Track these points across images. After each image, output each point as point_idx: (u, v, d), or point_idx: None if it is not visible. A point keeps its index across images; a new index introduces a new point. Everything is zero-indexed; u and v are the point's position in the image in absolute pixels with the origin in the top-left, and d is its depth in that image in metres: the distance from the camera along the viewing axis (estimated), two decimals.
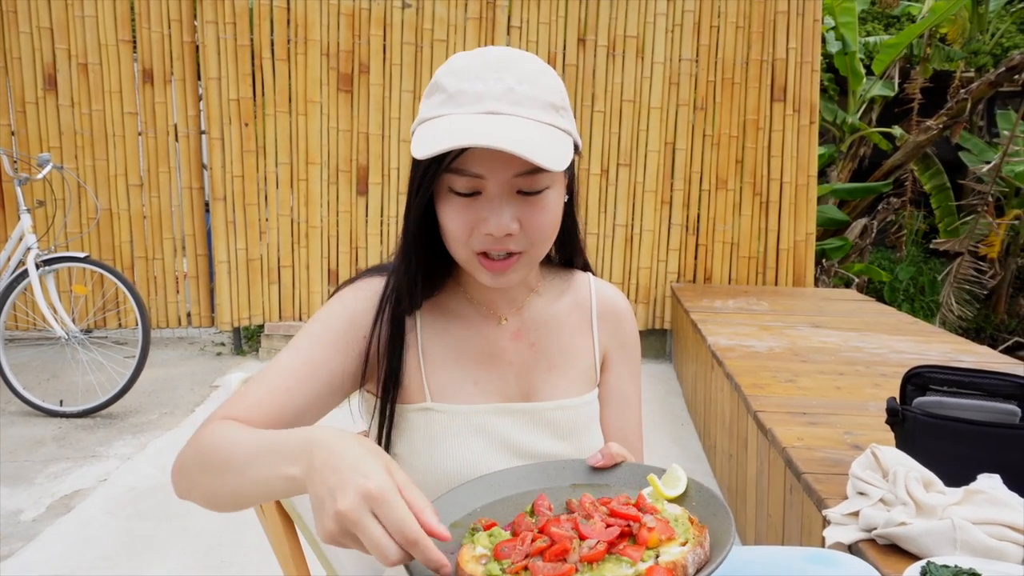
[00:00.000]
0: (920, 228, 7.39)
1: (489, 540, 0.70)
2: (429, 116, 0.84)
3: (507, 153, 0.78)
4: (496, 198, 0.83)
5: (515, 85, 0.82)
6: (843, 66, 6.09)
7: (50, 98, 4.34)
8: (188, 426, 3.34)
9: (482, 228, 0.84)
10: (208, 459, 0.77)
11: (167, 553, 2.26)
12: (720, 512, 0.72)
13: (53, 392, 3.60)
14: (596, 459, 0.84)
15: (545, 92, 0.84)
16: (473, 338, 0.97)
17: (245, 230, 4.47)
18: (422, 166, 0.84)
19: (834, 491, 1.44)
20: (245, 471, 0.73)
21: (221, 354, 4.61)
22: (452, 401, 0.93)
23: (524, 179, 0.83)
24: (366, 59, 4.40)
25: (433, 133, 0.80)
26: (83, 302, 4.35)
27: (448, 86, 0.83)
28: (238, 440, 0.76)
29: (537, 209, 0.85)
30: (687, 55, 4.46)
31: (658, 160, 4.52)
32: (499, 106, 0.80)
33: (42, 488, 2.71)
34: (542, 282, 1.03)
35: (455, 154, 0.80)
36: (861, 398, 2.19)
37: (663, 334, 4.69)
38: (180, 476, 0.82)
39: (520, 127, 0.79)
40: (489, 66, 0.83)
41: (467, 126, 0.79)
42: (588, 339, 1.02)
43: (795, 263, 4.62)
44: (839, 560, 0.89)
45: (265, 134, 4.45)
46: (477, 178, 0.82)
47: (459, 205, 0.84)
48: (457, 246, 0.87)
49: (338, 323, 0.91)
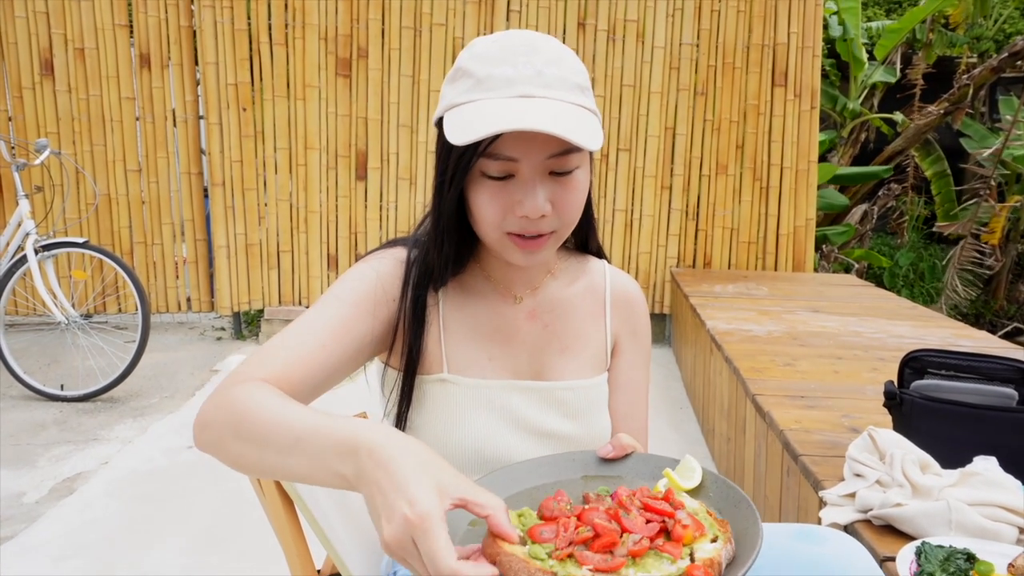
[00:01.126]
0: (921, 214, 7.38)
1: (519, 521, 0.69)
2: (458, 102, 0.84)
3: (541, 136, 0.79)
4: (529, 180, 0.83)
5: (544, 68, 0.82)
6: (844, 51, 6.05)
7: (47, 83, 4.31)
8: (189, 409, 3.35)
9: (516, 211, 0.84)
10: (244, 428, 0.73)
11: (168, 534, 2.28)
12: (742, 505, 0.71)
13: (54, 376, 3.61)
14: (607, 451, 0.85)
15: (571, 74, 0.84)
16: (490, 315, 0.98)
17: (244, 215, 4.47)
18: (455, 152, 0.83)
19: (831, 473, 1.45)
20: (287, 454, 0.70)
21: (221, 339, 4.62)
22: (468, 375, 0.95)
23: (557, 160, 0.83)
24: (364, 44, 4.38)
25: (469, 118, 0.80)
26: (82, 287, 4.35)
27: (476, 71, 0.83)
28: (278, 415, 0.72)
29: (569, 189, 0.86)
30: (688, 39, 4.43)
31: (658, 145, 4.51)
32: (531, 89, 0.81)
33: (44, 471, 2.72)
34: (558, 265, 1.04)
35: (491, 139, 0.80)
36: (859, 382, 2.20)
37: (662, 319, 4.70)
38: (205, 432, 0.77)
39: (554, 109, 0.80)
40: (516, 50, 0.83)
41: (502, 110, 0.79)
42: (600, 324, 1.04)
43: (795, 248, 4.61)
44: (825, 536, 0.90)
45: (263, 119, 4.43)
46: (511, 161, 0.82)
47: (493, 189, 0.85)
48: (489, 229, 0.87)
49: (367, 286, 0.91)
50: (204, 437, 0.78)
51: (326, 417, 0.70)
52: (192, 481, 2.64)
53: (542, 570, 0.60)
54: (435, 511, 0.57)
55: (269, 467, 0.73)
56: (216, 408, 0.77)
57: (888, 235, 7.44)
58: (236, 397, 0.76)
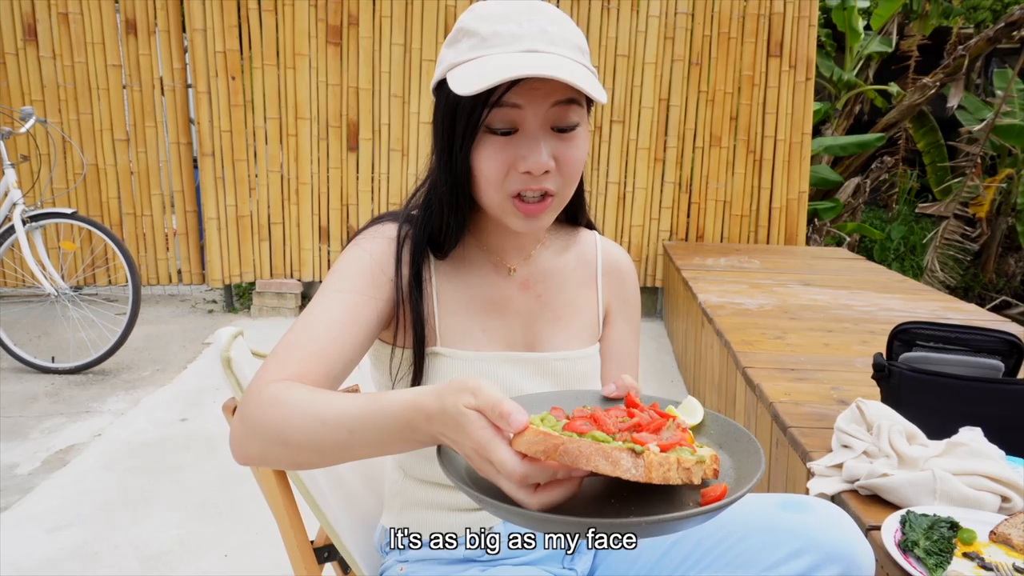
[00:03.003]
0: (913, 187, 7.39)
1: (544, 424, 0.67)
2: (461, 60, 0.84)
3: (545, 86, 0.81)
4: (533, 134, 0.84)
5: (548, 26, 0.84)
6: (841, 21, 5.99)
7: (30, 49, 4.23)
8: (180, 382, 3.36)
9: (520, 166, 0.84)
10: (290, 436, 0.74)
11: (162, 505, 2.30)
12: (743, 439, 0.72)
13: (45, 349, 3.60)
14: (610, 390, 0.85)
15: (572, 35, 0.86)
16: (483, 287, 0.98)
17: (235, 186, 4.42)
18: (463, 109, 0.83)
19: (819, 444, 1.47)
20: (344, 448, 0.72)
21: (212, 311, 4.60)
22: (460, 347, 0.95)
23: (560, 110, 0.84)
24: (355, 11, 4.30)
25: (478, 71, 0.80)
26: (72, 259, 4.31)
27: (480, 30, 0.84)
28: (321, 414, 0.72)
29: (572, 146, 0.87)
30: (683, 9, 4.38)
31: (652, 117, 4.48)
32: (537, 45, 0.82)
33: (37, 443, 2.72)
34: (548, 235, 1.05)
35: (502, 90, 0.81)
36: (849, 354, 2.22)
37: (655, 292, 4.71)
38: (248, 447, 0.78)
39: (562, 63, 0.81)
40: (519, 10, 0.84)
41: (512, 61, 0.80)
42: (592, 294, 1.05)
43: (787, 221, 4.62)
44: (810, 505, 0.91)
45: (253, 88, 4.36)
46: (516, 109, 0.83)
47: (496, 145, 0.85)
48: (492, 189, 0.87)
49: (364, 268, 0.91)
50: (249, 452, 0.78)
51: (365, 400, 0.71)
52: (185, 453, 2.65)
53: (618, 448, 0.58)
54: (490, 439, 0.61)
55: (331, 461, 0.76)
56: (251, 425, 0.76)
57: (880, 207, 7.45)
58: (269, 407, 0.75)
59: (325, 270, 4.57)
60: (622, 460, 0.57)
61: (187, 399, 3.16)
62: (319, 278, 4.57)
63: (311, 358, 0.82)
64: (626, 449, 0.58)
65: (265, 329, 4.18)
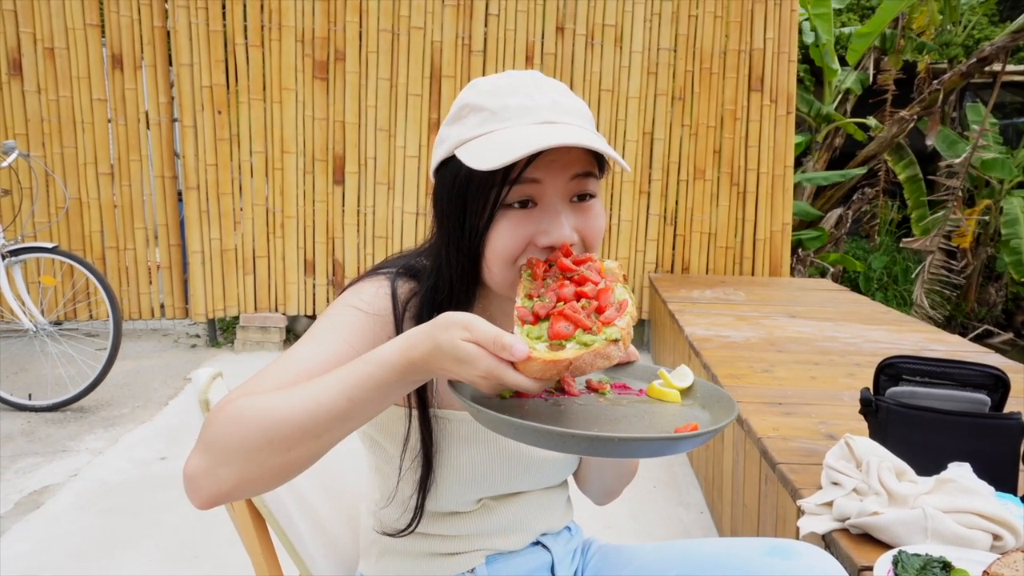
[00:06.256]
0: (894, 218, 7.50)
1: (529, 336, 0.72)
2: (471, 136, 0.79)
3: (563, 158, 0.78)
4: (553, 208, 0.79)
5: (559, 98, 0.81)
6: (817, 57, 6.13)
7: (15, 83, 4.22)
8: (161, 419, 3.29)
9: (541, 241, 0.79)
10: (275, 432, 0.67)
11: (140, 549, 2.23)
12: (724, 398, 0.77)
13: (21, 385, 3.53)
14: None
15: (581, 105, 0.84)
16: None
17: (219, 220, 4.40)
18: (476, 185, 0.78)
19: (808, 481, 1.46)
20: (344, 420, 0.68)
21: (196, 346, 4.54)
22: (455, 408, 0.90)
23: (579, 182, 0.80)
24: (342, 46, 4.34)
25: (496, 145, 0.76)
26: (52, 293, 4.26)
27: (488, 104, 0.80)
28: (314, 397, 0.67)
29: (592, 216, 0.82)
30: (665, 44, 4.46)
31: (636, 150, 4.52)
32: (552, 116, 0.79)
33: (10, 484, 2.65)
34: None
35: (522, 165, 0.77)
36: (835, 388, 2.21)
37: (641, 324, 4.71)
38: (214, 472, 0.69)
39: (581, 132, 0.77)
40: (524, 83, 0.81)
41: (531, 134, 0.75)
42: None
43: (771, 253, 4.65)
44: (798, 551, 0.89)
45: (239, 122, 4.37)
46: (535, 184, 0.78)
47: (514, 219, 0.79)
48: (504, 265, 0.81)
49: (364, 326, 0.84)
50: (218, 481, 0.69)
51: (354, 366, 0.69)
52: (164, 493, 2.59)
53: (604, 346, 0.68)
54: (497, 366, 0.65)
55: (328, 444, 0.71)
56: (222, 446, 0.68)
57: (862, 238, 7.54)
58: (241, 415, 0.68)
59: (310, 304, 4.54)
60: (612, 353, 0.68)
61: (168, 437, 3.09)
62: (304, 312, 4.54)
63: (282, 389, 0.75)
64: (610, 343, 0.68)
65: (248, 364, 4.13)
